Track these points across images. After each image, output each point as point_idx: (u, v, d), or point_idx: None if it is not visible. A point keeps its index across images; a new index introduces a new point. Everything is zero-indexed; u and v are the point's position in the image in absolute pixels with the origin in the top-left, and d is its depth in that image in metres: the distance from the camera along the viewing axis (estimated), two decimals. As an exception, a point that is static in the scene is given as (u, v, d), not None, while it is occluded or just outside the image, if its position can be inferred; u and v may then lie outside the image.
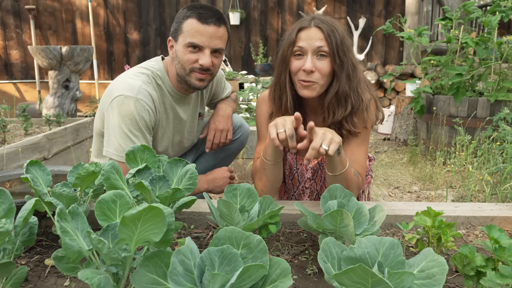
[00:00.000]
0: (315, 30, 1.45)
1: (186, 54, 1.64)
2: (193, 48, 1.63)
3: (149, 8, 6.81)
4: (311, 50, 1.45)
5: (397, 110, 4.75)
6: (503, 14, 3.69)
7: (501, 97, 3.56)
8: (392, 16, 6.48)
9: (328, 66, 1.47)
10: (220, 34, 1.64)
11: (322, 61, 1.46)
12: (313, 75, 1.46)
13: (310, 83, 1.47)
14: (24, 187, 1.58)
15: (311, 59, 1.45)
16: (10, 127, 3.72)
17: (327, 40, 1.45)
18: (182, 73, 1.68)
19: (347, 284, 0.77)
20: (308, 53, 1.46)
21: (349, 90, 1.50)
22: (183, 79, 1.70)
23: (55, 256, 0.85)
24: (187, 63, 1.65)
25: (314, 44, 1.44)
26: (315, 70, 1.45)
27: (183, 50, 1.64)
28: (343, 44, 1.47)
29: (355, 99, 1.52)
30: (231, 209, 1.10)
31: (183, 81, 1.71)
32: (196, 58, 1.64)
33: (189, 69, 1.66)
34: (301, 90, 1.50)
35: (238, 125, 2.12)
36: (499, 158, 2.81)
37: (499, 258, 0.97)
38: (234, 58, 6.94)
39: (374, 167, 3.64)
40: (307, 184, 1.77)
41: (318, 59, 1.46)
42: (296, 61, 1.48)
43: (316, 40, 1.44)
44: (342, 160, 1.41)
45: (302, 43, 1.46)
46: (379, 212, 1.20)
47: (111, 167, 1.07)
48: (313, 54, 1.45)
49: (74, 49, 4.81)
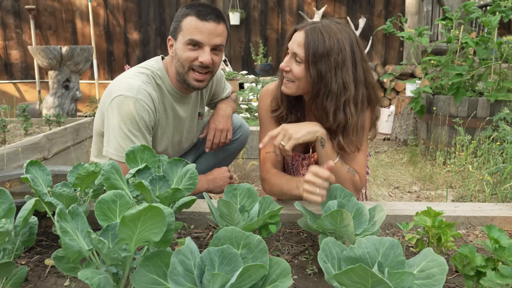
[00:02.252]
0: (300, 35, 1.47)
1: (185, 51, 1.64)
2: (192, 45, 1.63)
3: (149, 8, 6.81)
4: (291, 52, 1.50)
5: (397, 110, 4.74)
6: (503, 14, 3.69)
7: (501, 97, 3.55)
8: (392, 16, 6.48)
9: (300, 72, 1.49)
10: (219, 31, 1.64)
11: (297, 65, 1.49)
12: (288, 74, 1.52)
13: (287, 80, 1.54)
14: (24, 187, 1.58)
15: (288, 60, 1.51)
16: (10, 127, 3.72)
17: (304, 48, 1.45)
18: (181, 71, 1.68)
19: (347, 284, 0.77)
20: (290, 53, 1.51)
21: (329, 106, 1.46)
22: (182, 78, 1.70)
23: (55, 256, 0.85)
24: (186, 61, 1.65)
25: (293, 47, 1.49)
26: (289, 70, 1.51)
27: (182, 48, 1.64)
28: (326, 59, 1.42)
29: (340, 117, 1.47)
30: (231, 209, 1.10)
31: (182, 80, 1.71)
32: (196, 55, 1.64)
33: (188, 67, 1.66)
34: (282, 86, 1.57)
35: (238, 125, 2.12)
36: (499, 158, 2.81)
37: (499, 258, 0.97)
38: (234, 58, 6.94)
39: (374, 167, 3.64)
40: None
41: (295, 62, 1.50)
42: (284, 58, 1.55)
43: (296, 44, 1.47)
44: (328, 153, 1.48)
45: (290, 43, 1.51)
46: (379, 212, 1.20)
47: (111, 167, 1.07)
48: (292, 57, 1.50)
49: (74, 49, 4.81)
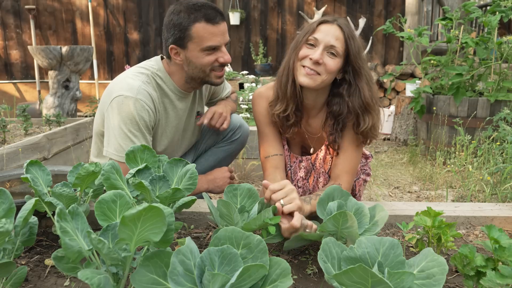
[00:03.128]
0: (336, 28, 1.46)
1: (204, 57, 1.65)
2: (209, 50, 1.64)
3: (149, 8, 6.81)
4: (324, 44, 1.45)
5: (397, 110, 4.74)
6: (503, 14, 3.69)
7: (501, 97, 3.55)
8: (392, 16, 6.48)
9: (336, 66, 1.47)
10: (226, 28, 1.67)
11: (331, 59, 1.46)
12: (319, 66, 1.46)
13: (313, 72, 1.46)
14: (24, 187, 1.58)
15: (321, 52, 1.45)
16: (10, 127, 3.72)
17: (345, 42, 1.46)
18: (201, 75, 1.70)
19: (347, 284, 0.77)
20: (320, 46, 1.46)
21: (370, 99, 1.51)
22: (202, 80, 1.72)
23: (55, 256, 0.85)
24: (207, 66, 1.66)
25: (329, 40, 1.45)
26: (322, 63, 1.45)
27: (199, 55, 1.64)
28: (359, 53, 1.49)
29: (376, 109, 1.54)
30: (230, 209, 1.10)
31: (198, 82, 1.73)
32: (214, 58, 1.65)
33: (209, 70, 1.68)
34: (301, 76, 1.49)
35: (238, 125, 2.11)
36: (499, 158, 2.81)
37: (499, 258, 0.97)
38: (234, 58, 6.94)
39: (374, 167, 3.64)
40: (300, 183, 1.78)
41: (329, 55, 1.46)
42: (306, 49, 1.48)
43: (333, 37, 1.45)
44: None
45: (318, 34, 1.46)
46: (379, 211, 1.20)
47: (111, 167, 1.07)
48: (325, 49, 1.46)
49: (74, 49, 4.81)
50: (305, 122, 1.68)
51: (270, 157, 1.62)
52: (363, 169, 1.84)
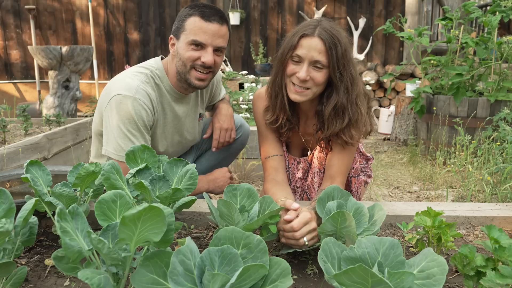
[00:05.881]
0: (317, 41, 1.43)
1: (188, 51, 1.64)
2: (195, 46, 1.63)
3: (149, 8, 6.81)
4: (308, 60, 1.44)
5: (397, 110, 4.74)
6: (503, 14, 3.69)
7: (501, 97, 3.55)
8: (392, 16, 6.48)
9: (322, 77, 1.46)
10: (222, 32, 1.65)
11: (318, 72, 1.45)
12: (306, 83, 1.47)
13: (302, 89, 1.48)
14: (24, 187, 1.58)
15: (306, 69, 1.44)
16: (10, 127, 3.72)
17: (327, 54, 1.43)
18: (182, 70, 1.68)
19: (347, 284, 0.77)
20: (305, 62, 1.45)
21: (347, 103, 1.49)
22: (183, 77, 1.70)
23: (55, 256, 0.85)
24: (188, 60, 1.65)
25: (312, 55, 1.43)
26: (309, 79, 1.46)
27: (185, 47, 1.64)
28: (344, 58, 1.46)
29: (353, 112, 1.51)
30: (231, 209, 1.10)
31: (183, 80, 1.71)
32: (198, 55, 1.64)
33: (190, 66, 1.66)
34: (291, 94, 1.51)
35: (238, 125, 2.12)
36: (499, 158, 2.81)
37: (499, 258, 0.97)
38: (234, 58, 6.94)
39: (374, 167, 3.64)
40: (298, 183, 1.79)
41: (314, 69, 1.45)
42: (293, 65, 1.48)
43: (316, 51, 1.43)
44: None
45: (301, 51, 1.44)
46: (378, 211, 1.20)
47: (111, 167, 1.07)
48: (310, 64, 1.45)
49: (74, 49, 4.81)
50: (303, 124, 1.69)
51: (270, 158, 1.63)
52: (364, 171, 1.85)
